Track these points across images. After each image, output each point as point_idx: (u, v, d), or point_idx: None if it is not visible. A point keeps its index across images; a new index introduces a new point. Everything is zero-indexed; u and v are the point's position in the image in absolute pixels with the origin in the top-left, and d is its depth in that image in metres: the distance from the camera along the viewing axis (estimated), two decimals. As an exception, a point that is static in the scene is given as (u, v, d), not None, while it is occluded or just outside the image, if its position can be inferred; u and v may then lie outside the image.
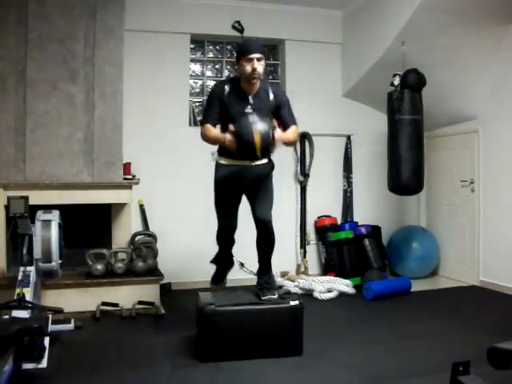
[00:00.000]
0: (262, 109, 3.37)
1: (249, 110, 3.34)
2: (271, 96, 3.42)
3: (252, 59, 3.25)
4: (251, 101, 3.38)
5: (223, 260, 3.81)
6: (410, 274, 5.49)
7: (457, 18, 4.59)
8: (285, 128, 3.43)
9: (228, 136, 3.22)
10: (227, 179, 3.46)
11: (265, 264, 3.62)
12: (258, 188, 3.48)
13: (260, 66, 3.28)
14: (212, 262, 3.86)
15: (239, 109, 3.34)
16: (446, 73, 5.07)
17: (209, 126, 3.39)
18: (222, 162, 3.49)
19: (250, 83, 3.34)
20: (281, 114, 3.46)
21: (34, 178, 4.38)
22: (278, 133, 3.25)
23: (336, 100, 5.92)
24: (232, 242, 3.74)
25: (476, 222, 5.39)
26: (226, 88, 3.40)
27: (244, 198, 3.59)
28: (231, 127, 3.21)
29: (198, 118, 5.59)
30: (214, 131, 3.38)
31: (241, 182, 3.46)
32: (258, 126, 3.15)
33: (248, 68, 3.26)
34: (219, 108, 3.39)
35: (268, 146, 3.20)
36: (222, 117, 3.40)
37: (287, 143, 3.47)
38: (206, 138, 3.42)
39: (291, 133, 3.45)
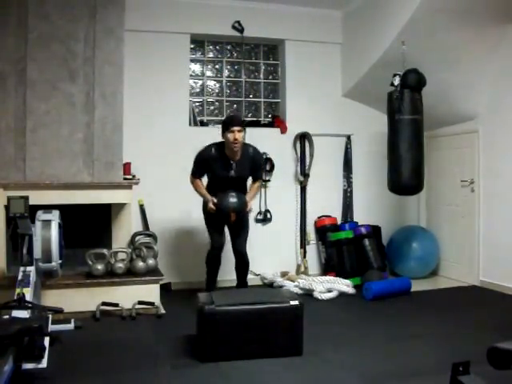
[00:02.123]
0: (243, 168, 4.32)
1: (232, 174, 4.28)
2: (251, 155, 4.34)
3: (234, 131, 4.14)
4: (234, 167, 4.29)
5: (211, 287, 4.49)
6: (410, 274, 5.49)
7: (457, 18, 4.59)
8: (253, 180, 4.51)
9: (211, 205, 4.26)
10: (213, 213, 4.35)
11: (242, 282, 4.60)
12: (238, 223, 4.39)
13: (240, 136, 4.17)
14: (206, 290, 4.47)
15: (224, 173, 4.29)
16: (445, 73, 5.07)
17: (198, 180, 4.43)
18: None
19: (233, 150, 4.22)
20: (254, 169, 4.43)
21: (34, 178, 4.38)
22: (248, 205, 4.37)
23: (336, 100, 5.92)
24: (219, 261, 4.52)
25: (476, 222, 5.39)
26: (213, 152, 4.29)
27: None
28: (215, 200, 4.26)
29: (197, 118, 5.59)
30: (203, 190, 4.42)
31: (224, 214, 4.32)
32: (235, 205, 4.23)
33: (231, 137, 4.15)
34: (205, 169, 4.37)
35: (238, 216, 4.30)
36: (210, 172, 4.38)
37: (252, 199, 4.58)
38: (196, 190, 4.46)
39: (255, 189, 4.54)
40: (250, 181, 4.56)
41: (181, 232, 5.38)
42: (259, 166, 4.53)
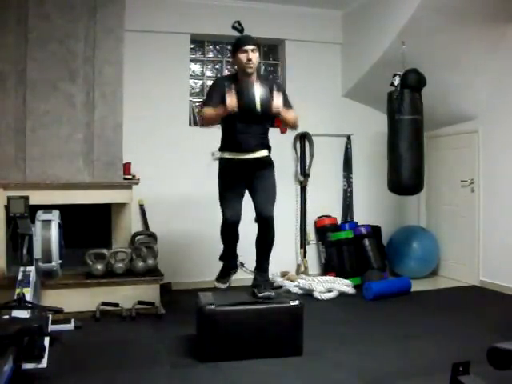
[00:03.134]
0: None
1: None
2: (268, 84, 3.40)
3: (247, 50, 3.41)
4: None
5: (228, 258, 3.82)
6: (410, 274, 5.49)
7: (457, 18, 4.59)
8: None
9: (229, 97, 3.24)
10: (230, 170, 3.57)
11: (263, 261, 3.67)
12: (260, 182, 3.56)
13: (254, 57, 3.43)
14: (220, 259, 3.90)
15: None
16: (446, 73, 5.07)
17: (206, 107, 3.48)
18: (225, 156, 3.60)
19: (247, 73, 3.44)
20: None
21: (33, 178, 4.38)
22: (277, 100, 3.31)
23: (336, 100, 5.92)
24: (236, 236, 3.71)
25: (476, 222, 5.39)
26: (226, 82, 3.50)
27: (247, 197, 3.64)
28: (233, 87, 3.32)
29: (198, 118, 5.59)
30: (213, 109, 3.41)
31: (243, 173, 3.55)
32: (259, 86, 3.25)
33: (243, 58, 3.40)
34: (220, 98, 3.38)
35: (268, 103, 3.25)
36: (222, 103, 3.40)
37: (285, 121, 3.56)
38: (207, 117, 3.47)
39: (289, 112, 3.52)
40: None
41: (181, 232, 5.38)
42: (283, 94, 3.47)
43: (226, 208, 3.56)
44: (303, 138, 5.81)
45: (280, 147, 5.66)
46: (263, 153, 3.60)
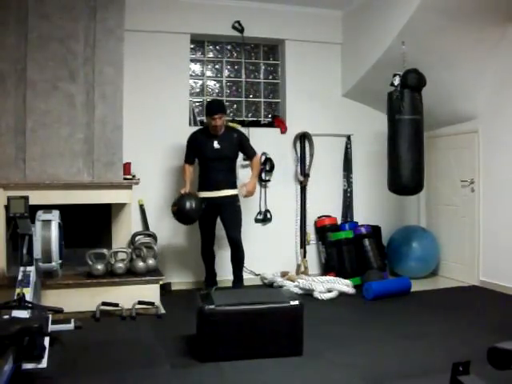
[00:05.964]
0: (227, 143, 4.65)
1: (216, 144, 4.62)
2: (235, 135, 4.73)
3: (215, 118, 4.54)
4: (218, 140, 4.63)
5: (210, 281, 4.87)
6: (410, 274, 5.49)
7: (457, 18, 4.59)
8: (249, 158, 4.91)
9: (181, 191, 4.60)
10: (205, 207, 4.57)
11: (237, 275, 4.75)
12: (229, 213, 4.68)
13: (220, 121, 4.57)
14: (205, 283, 4.92)
15: (209, 145, 4.63)
16: (446, 73, 5.07)
17: (187, 166, 4.77)
18: (200, 195, 4.67)
19: (215, 129, 4.62)
20: (244, 148, 4.81)
21: (34, 178, 4.38)
22: (249, 188, 4.77)
23: (336, 100, 5.92)
24: (213, 255, 4.88)
25: (476, 222, 5.39)
26: (198, 135, 4.74)
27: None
28: (187, 190, 4.61)
29: (197, 118, 5.59)
30: (186, 176, 4.73)
31: (214, 207, 4.63)
32: (186, 204, 4.44)
33: (212, 122, 4.56)
34: (194, 152, 4.73)
35: (181, 217, 4.52)
36: (198, 154, 4.73)
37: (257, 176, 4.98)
38: (182, 176, 4.84)
39: (255, 165, 4.89)
40: (242, 172, 4.98)
41: (181, 232, 5.38)
42: (247, 142, 4.84)
43: (202, 233, 4.79)
44: (303, 137, 5.81)
45: (280, 147, 5.71)
46: (231, 191, 4.69)
